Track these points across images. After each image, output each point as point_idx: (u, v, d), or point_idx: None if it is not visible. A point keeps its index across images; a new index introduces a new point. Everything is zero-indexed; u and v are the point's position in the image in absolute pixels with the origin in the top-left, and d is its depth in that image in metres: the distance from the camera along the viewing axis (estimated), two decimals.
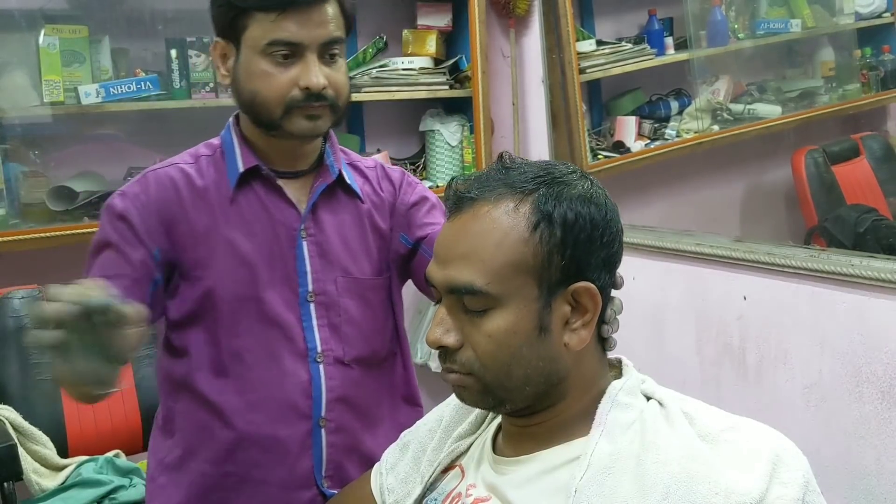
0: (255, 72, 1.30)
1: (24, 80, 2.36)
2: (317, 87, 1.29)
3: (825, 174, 3.06)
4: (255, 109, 1.32)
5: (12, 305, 2.16)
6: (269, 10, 1.27)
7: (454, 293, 0.95)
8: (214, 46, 1.36)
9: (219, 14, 1.33)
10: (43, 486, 2.03)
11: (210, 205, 1.36)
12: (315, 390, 1.36)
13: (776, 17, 3.25)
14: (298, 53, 1.29)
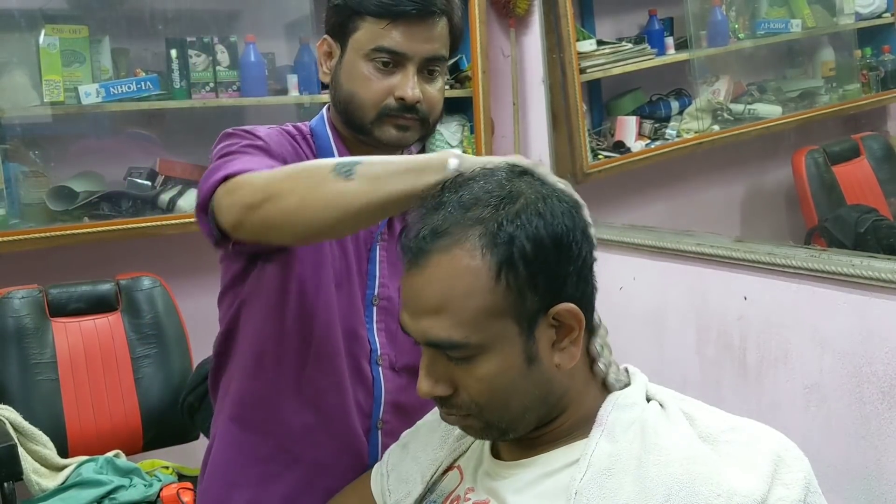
0: (355, 74, 1.31)
1: (24, 79, 2.37)
2: (412, 100, 1.30)
3: (825, 174, 3.06)
4: (349, 110, 1.33)
5: (12, 305, 2.16)
6: (381, 16, 1.28)
7: (434, 347, 0.93)
8: (321, 43, 1.37)
9: (332, 13, 1.35)
10: (43, 486, 2.03)
11: None
12: (376, 391, 1.37)
13: (776, 17, 3.25)
14: (400, 64, 1.30)
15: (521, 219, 0.90)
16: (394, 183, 1.04)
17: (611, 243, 2.52)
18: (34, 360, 2.15)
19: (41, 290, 2.20)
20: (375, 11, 1.28)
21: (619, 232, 2.54)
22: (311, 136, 1.40)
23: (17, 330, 2.15)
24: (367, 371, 1.36)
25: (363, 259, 1.38)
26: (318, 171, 1.09)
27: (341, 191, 1.05)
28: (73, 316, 2.23)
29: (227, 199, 1.15)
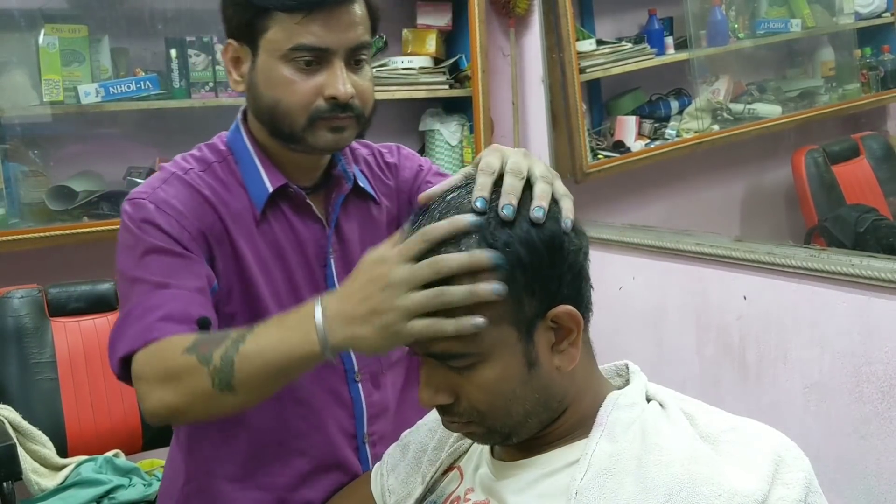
0: (275, 79, 1.19)
1: (23, 79, 2.36)
2: (345, 97, 1.18)
3: (825, 174, 3.06)
4: (275, 120, 1.21)
5: (11, 305, 2.16)
6: (293, 10, 1.16)
7: (434, 357, 0.93)
8: (226, 49, 1.25)
9: (234, 14, 1.22)
10: (42, 486, 2.03)
11: (238, 225, 1.25)
12: (357, 410, 1.32)
13: (776, 17, 3.26)
14: (324, 59, 1.18)
15: (512, 225, 0.90)
16: (278, 381, 1.03)
17: (611, 243, 2.53)
18: (33, 360, 2.15)
19: (40, 289, 2.19)
20: (287, 6, 1.16)
21: (619, 232, 2.54)
22: (232, 158, 1.28)
23: (16, 329, 2.15)
24: (346, 393, 1.31)
25: (319, 280, 1.29)
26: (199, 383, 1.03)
27: (233, 405, 1.05)
28: (73, 315, 2.23)
29: (138, 395, 1.12)
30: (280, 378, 1.03)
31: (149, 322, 1.12)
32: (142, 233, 1.18)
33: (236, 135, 1.30)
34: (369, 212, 1.36)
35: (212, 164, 1.27)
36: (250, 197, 1.26)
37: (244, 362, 1.01)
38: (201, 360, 1.03)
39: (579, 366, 0.97)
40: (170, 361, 1.07)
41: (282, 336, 1.00)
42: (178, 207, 1.20)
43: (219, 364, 1.02)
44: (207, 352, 1.04)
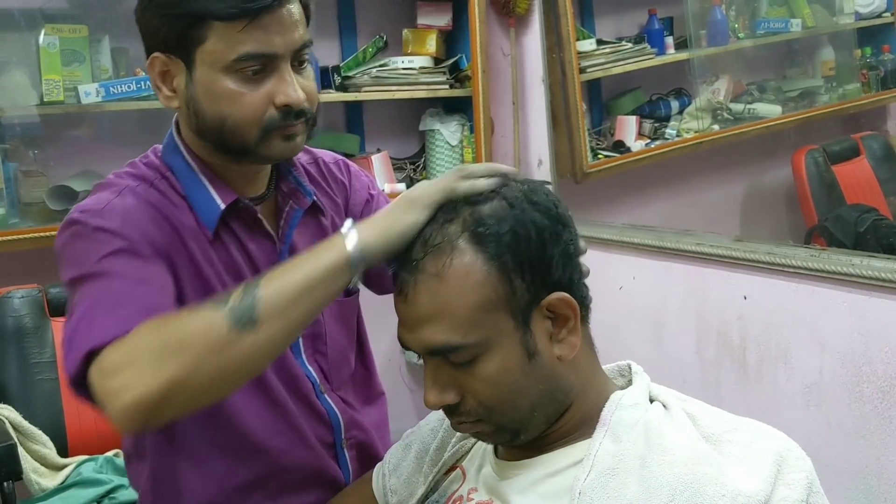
0: (219, 92, 1.10)
1: (23, 79, 2.36)
2: (298, 104, 1.12)
3: (825, 174, 3.06)
4: (223, 136, 1.13)
5: (12, 305, 2.16)
6: (235, 18, 1.06)
7: (435, 354, 0.94)
8: (151, 63, 1.13)
9: (162, 25, 1.10)
10: (43, 486, 2.03)
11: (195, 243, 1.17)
12: (333, 420, 1.31)
13: (776, 17, 3.26)
14: (270, 66, 1.10)
15: (503, 215, 0.93)
16: (307, 303, 0.96)
17: (611, 243, 2.52)
18: (34, 360, 2.15)
19: (41, 289, 2.19)
20: (228, 14, 1.06)
21: (619, 231, 2.54)
22: (171, 174, 1.19)
23: (16, 329, 2.15)
24: (319, 405, 1.29)
25: None
26: (211, 331, 0.94)
27: (252, 347, 0.94)
28: None
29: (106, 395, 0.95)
30: (307, 298, 0.96)
31: (124, 314, 1.00)
32: (100, 240, 1.07)
33: (173, 149, 1.20)
34: (319, 224, 1.30)
35: (153, 182, 1.18)
36: (198, 216, 1.18)
37: (269, 288, 0.95)
38: (215, 306, 0.95)
39: (582, 360, 0.98)
40: (169, 326, 0.96)
41: (309, 257, 0.98)
42: (139, 217, 1.11)
43: (238, 300, 0.94)
44: (224, 296, 0.96)
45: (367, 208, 1.37)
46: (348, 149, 2.85)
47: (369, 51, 2.85)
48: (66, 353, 1.01)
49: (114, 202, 1.12)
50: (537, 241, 0.92)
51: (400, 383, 3.08)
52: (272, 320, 0.95)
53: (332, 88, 2.76)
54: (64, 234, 1.11)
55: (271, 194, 1.25)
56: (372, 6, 2.90)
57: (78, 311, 1.03)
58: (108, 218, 1.09)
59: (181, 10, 1.08)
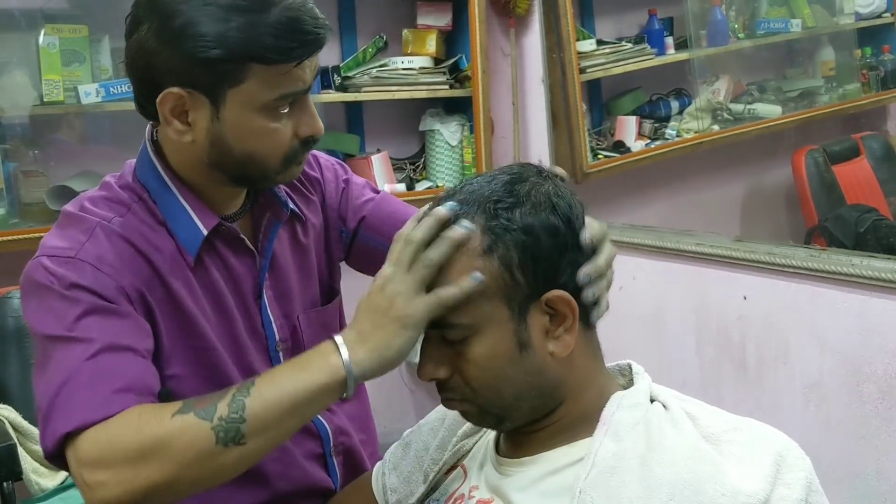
0: (252, 130, 1.07)
1: (23, 79, 2.36)
2: (321, 134, 1.12)
3: (825, 174, 3.06)
4: (247, 171, 1.11)
5: (12, 305, 2.16)
6: (284, 62, 1.05)
7: (432, 327, 0.96)
8: (165, 98, 1.06)
9: (189, 62, 1.04)
10: (42, 486, 2.03)
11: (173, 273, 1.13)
12: (322, 431, 1.30)
13: (776, 17, 3.26)
14: (297, 99, 1.10)
15: (521, 210, 0.94)
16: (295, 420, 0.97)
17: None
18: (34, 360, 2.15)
19: None
20: (273, 60, 1.04)
21: (619, 231, 2.54)
22: (148, 196, 1.15)
23: (16, 329, 2.15)
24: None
25: (254, 314, 1.22)
26: (195, 443, 0.93)
27: (237, 460, 0.95)
28: None
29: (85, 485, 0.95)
30: (296, 416, 0.97)
31: (104, 393, 0.98)
32: (74, 296, 1.04)
33: (149, 167, 1.15)
34: (296, 232, 1.28)
35: (130, 206, 1.13)
36: (178, 240, 1.14)
37: (257, 403, 0.94)
38: (201, 417, 0.95)
39: (581, 359, 0.98)
40: (151, 431, 0.95)
41: (299, 370, 0.97)
42: (113, 264, 1.07)
43: (226, 412, 0.94)
44: (209, 406, 0.95)
45: (343, 198, 1.35)
46: (348, 149, 2.86)
47: (369, 51, 2.85)
48: (42, 428, 1.00)
49: (86, 247, 1.07)
50: (547, 244, 0.94)
51: (400, 383, 3.08)
52: (258, 436, 0.95)
53: (332, 88, 2.76)
54: (33, 280, 1.08)
55: (249, 208, 1.23)
56: (372, 6, 2.90)
57: (54, 378, 1.01)
58: (80, 270, 1.05)
59: (223, 54, 1.02)
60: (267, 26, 1.03)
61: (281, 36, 1.03)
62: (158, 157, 1.16)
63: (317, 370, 0.96)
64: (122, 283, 1.07)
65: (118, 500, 0.94)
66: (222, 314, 1.18)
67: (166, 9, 1.04)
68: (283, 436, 0.99)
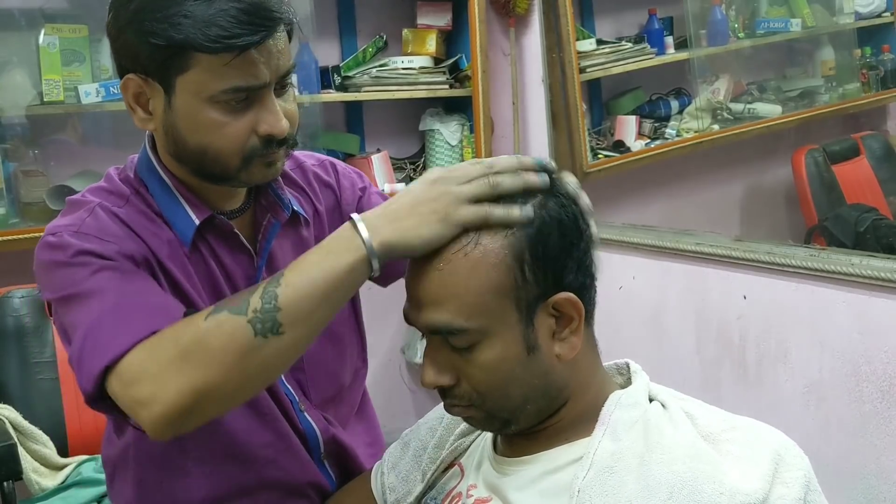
0: (201, 122, 1.06)
1: (23, 79, 2.36)
2: (282, 134, 1.09)
3: (825, 173, 3.06)
4: (203, 164, 1.10)
5: (12, 305, 2.16)
6: (220, 52, 1.02)
7: (437, 334, 0.95)
8: (125, 84, 1.09)
9: (141, 49, 1.05)
10: (43, 486, 2.03)
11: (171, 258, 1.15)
12: (311, 437, 1.29)
13: (776, 17, 3.26)
14: (254, 95, 1.07)
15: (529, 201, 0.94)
16: (328, 305, 0.97)
17: (610, 242, 2.52)
18: (34, 360, 2.15)
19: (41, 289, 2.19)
20: (213, 48, 1.02)
21: (619, 231, 2.54)
22: (146, 190, 1.17)
23: (16, 329, 2.15)
24: (298, 425, 1.26)
25: None
26: (235, 339, 0.94)
27: (276, 352, 0.95)
28: None
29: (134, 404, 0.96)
30: (329, 300, 0.96)
31: (132, 323, 0.99)
32: (81, 261, 1.05)
33: (148, 166, 1.17)
34: (299, 235, 1.27)
35: (128, 198, 1.16)
36: (175, 230, 1.16)
37: (289, 291, 0.95)
38: (235, 312, 0.95)
39: (582, 360, 0.98)
40: (188, 335, 0.96)
41: (324, 254, 0.97)
42: (114, 233, 1.09)
43: (259, 305, 0.94)
44: (241, 302, 0.96)
45: (360, 204, 1.35)
46: (348, 149, 2.86)
47: (369, 51, 2.85)
48: (78, 373, 1.01)
49: (87, 221, 1.10)
50: (558, 243, 0.94)
51: (400, 383, 3.09)
52: (296, 325, 0.95)
53: (332, 88, 2.76)
54: (42, 258, 1.10)
55: (249, 207, 1.23)
56: (372, 6, 2.90)
57: (79, 331, 1.02)
58: (84, 239, 1.07)
59: (164, 39, 1.03)
60: (210, 14, 1.02)
61: (218, 24, 1.01)
62: (155, 154, 1.17)
63: (342, 252, 0.96)
64: (125, 249, 1.08)
65: (170, 411, 0.94)
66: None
67: None
68: (319, 323, 0.98)
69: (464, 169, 0.96)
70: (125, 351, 0.97)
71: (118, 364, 0.97)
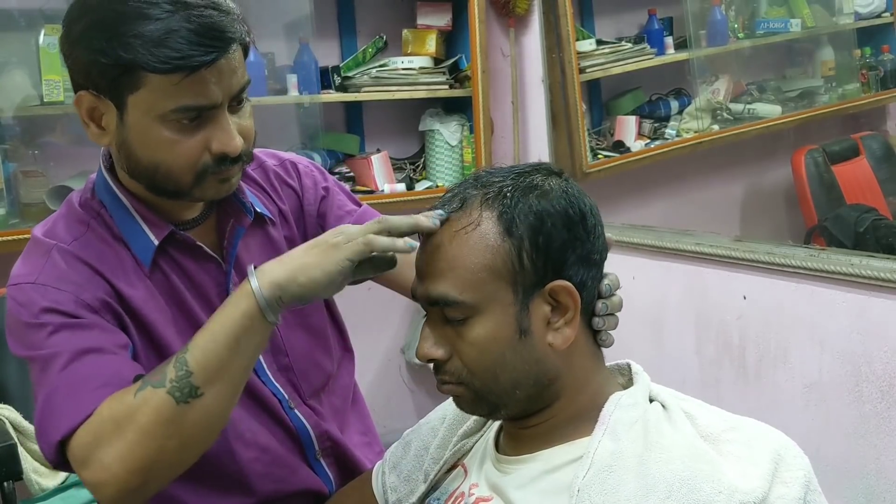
0: (153, 140, 1.07)
1: (23, 79, 2.36)
2: (235, 152, 1.08)
3: (825, 174, 3.06)
4: (156, 181, 1.10)
5: None
6: (169, 73, 1.02)
7: (434, 305, 0.98)
8: (79, 100, 1.09)
9: (92, 66, 1.05)
10: (43, 486, 2.03)
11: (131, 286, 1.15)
12: (303, 434, 1.29)
13: (776, 17, 3.26)
14: (207, 113, 1.07)
15: (536, 196, 0.96)
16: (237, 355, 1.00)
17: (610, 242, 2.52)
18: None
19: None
20: (162, 69, 1.02)
21: (619, 231, 2.54)
22: (105, 212, 1.17)
23: None
24: (288, 422, 1.27)
25: None
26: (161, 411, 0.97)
27: (203, 412, 0.99)
28: None
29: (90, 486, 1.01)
30: (234, 350, 0.99)
31: (82, 395, 1.03)
32: (40, 320, 1.08)
33: (105, 186, 1.17)
34: (267, 234, 1.28)
35: (89, 224, 1.16)
36: (133, 252, 1.16)
37: (197, 353, 0.99)
38: (156, 386, 0.99)
39: (580, 357, 0.99)
40: (122, 414, 0.99)
41: (221, 309, 1.01)
42: (72, 280, 1.11)
43: (174, 374, 0.99)
44: (161, 375, 1.00)
45: (324, 205, 1.35)
46: (348, 149, 2.86)
47: (369, 51, 2.85)
48: (40, 442, 1.06)
49: (45, 270, 1.11)
50: (560, 233, 0.95)
51: (400, 383, 3.09)
52: (212, 382, 0.99)
53: (332, 88, 2.76)
54: (11, 313, 1.12)
55: (211, 213, 1.23)
56: (372, 6, 2.90)
57: (39, 397, 1.07)
58: (42, 293, 1.09)
59: (113, 59, 1.03)
60: (160, 34, 1.02)
61: (168, 45, 1.02)
62: (110, 172, 1.18)
63: (235, 302, 1.00)
64: (82, 296, 1.10)
65: (120, 491, 0.99)
66: (186, 319, 1.19)
67: (74, 13, 1.08)
68: (236, 374, 1.02)
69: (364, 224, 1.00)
70: (74, 427, 1.01)
71: (71, 440, 1.02)
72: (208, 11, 1.04)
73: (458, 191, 1.00)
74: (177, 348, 1.12)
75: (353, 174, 2.82)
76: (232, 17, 1.07)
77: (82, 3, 1.08)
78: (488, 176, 1.00)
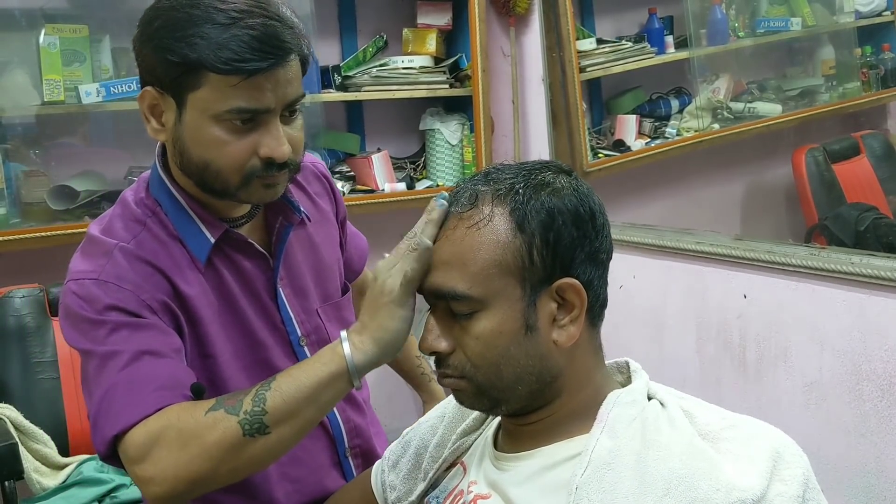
0: (206, 138, 1.13)
1: (24, 79, 2.37)
2: (282, 158, 1.14)
3: (825, 172, 3.06)
4: (205, 178, 1.16)
5: (13, 305, 2.16)
6: (229, 74, 1.09)
7: (441, 299, 0.98)
8: (143, 96, 1.16)
9: (159, 65, 1.12)
10: (44, 485, 2.03)
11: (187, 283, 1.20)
12: (336, 431, 1.34)
13: (776, 16, 3.26)
14: (259, 118, 1.13)
15: (546, 193, 0.96)
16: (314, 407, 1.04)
17: None
18: (35, 359, 2.15)
19: (42, 289, 2.20)
20: (223, 70, 1.08)
21: (619, 230, 2.55)
22: (160, 210, 1.22)
23: (18, 329, 2.15)
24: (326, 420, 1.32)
25: (272, 312, 1.28)
26: (226, 436, 1.03)
27: (263, 450, 1.04)
28: None
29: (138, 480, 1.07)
30: (313, 403, 1.04)
31: (141, 395, 1.08)
32: (102, 318, 1.13)
33: (159, 184, 1.23)
34: (307, 232, 1.35)
35: (145, 223, 1.21)
36: (189, 249, 1.21)
37: (276, 395, 1.03)
38: (230, 412, 1.04)
39: (582, 355, 0.99)
40: (188, 427, 1.04)
41: (312, 363, 1.05)
42: (133, 280, 1.15)
43: (250, 407, 1.03)
44: (236, 402, 1.05)
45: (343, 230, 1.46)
46: (348, 148, 2.86)
47: (369, 50, 2.85)
48: (93, 433, 1.11)
49: (106, 268, 1.16)
50: (569, 231, 0.96)
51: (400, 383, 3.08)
52: (281, 426, 1.04)
53: (332, 88, 2.76)
54: (70, 307, 1.16)
55: (259, 210, 1.29)
56: (372, 6, 2.90)
57: (96, 393, 1.11)
58: (105, 289, 1.14)
59: (179, 57, 1.10)
60: (224, 38, 1.09)
61: (231, 48, 1.08)
62: (166, 172, 1.23)
63: (327, 362, 1.04)
64: (142, 296, 1.15)
65: (167, 493, 1.04)
66: (233, 314, 1.25)
67: (152, 13, 1.15)
68: (304, 425, 1.06)
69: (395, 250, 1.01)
70: (132, 424, 1.06)
71: (126, 436, 1.07)
72: (272, 22, 1.11)
73: (467, 186, 1.00)
74: (219, 344, 1.21)
75: (354, 173, 2.82)
76: (294, 32, 1.14)
77: (157, 6, 1.15)
78: (498, 173, 1.00)
